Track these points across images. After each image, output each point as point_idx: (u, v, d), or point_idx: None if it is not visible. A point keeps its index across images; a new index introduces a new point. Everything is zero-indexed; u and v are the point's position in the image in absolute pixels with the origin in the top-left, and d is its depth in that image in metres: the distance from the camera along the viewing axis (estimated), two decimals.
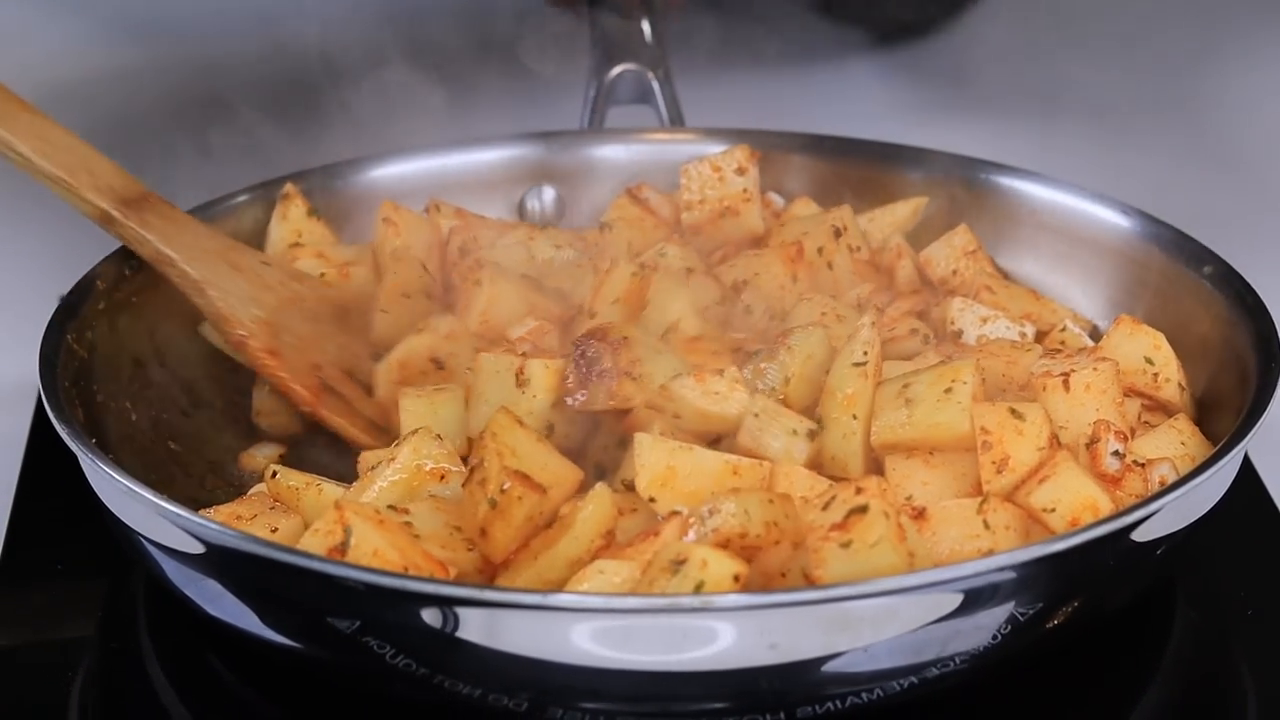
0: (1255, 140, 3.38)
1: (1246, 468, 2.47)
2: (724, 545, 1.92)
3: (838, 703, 1.94)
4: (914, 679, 1.94)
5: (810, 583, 1.90)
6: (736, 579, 1.86)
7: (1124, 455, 2.13)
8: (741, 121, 2.88)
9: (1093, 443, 2.14)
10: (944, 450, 2.14)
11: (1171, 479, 2.11)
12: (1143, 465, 2.14)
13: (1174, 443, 2.21)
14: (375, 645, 1.91)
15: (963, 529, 2.03)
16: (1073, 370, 2.20)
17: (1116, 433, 2.14)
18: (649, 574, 1.89)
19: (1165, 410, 2.30)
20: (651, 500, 2.05)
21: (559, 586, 1.96)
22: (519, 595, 1.86)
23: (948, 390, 2.14)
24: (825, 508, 1.92)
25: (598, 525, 1.99)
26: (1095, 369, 2.20)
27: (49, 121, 2.50)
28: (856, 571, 1.87)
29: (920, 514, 2.03)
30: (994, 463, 2.10)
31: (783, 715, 1.94)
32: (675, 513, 2.01)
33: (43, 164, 2.43)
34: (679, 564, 1.87)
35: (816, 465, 2.16)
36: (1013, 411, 2.12)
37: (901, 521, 1.92)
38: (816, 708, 1.95)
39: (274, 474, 2.20)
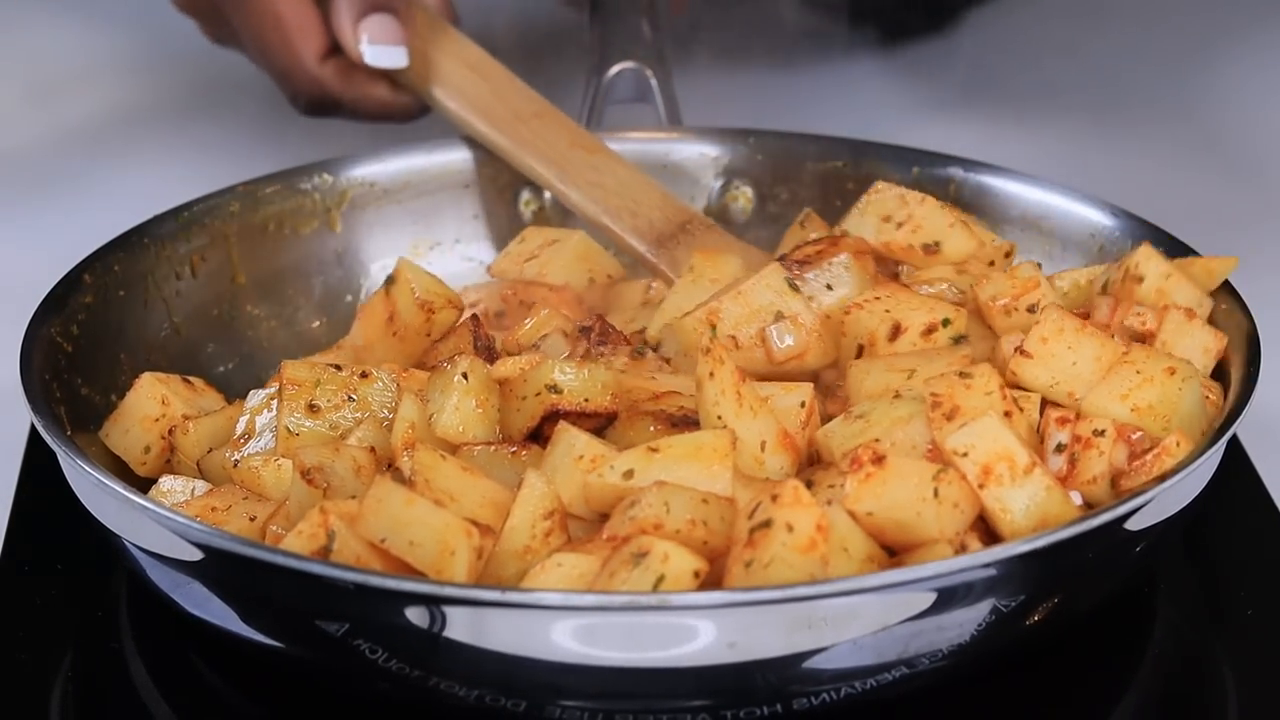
0: (1257, 141, 3.37)
1: (1245, 465, 2.48)
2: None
3: (832, 694, 1.95)
4: (889, 675, 1.95)
5: None
6: (696, 575, 1.86)
7: (1066, 446, 2.11)
8: (740, 120, 2.88)
9: (1041, 441, 2.13)
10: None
11: (1173, 449, 2.08)
12: (1083, 439, 2.10)
13: (1159, 360, 2.15)
14: (364, 647, 1.92)
15: (913, 492, 1.96)
16: (1022, 339, 2.17)
17: (1058, 420, 2.11)
18: (610, 566, 1.89)
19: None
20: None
21: (518, 579, 1.95)
22: (512, 595, 1.85)
23: (896, 395, 2.13)
24: (750, 515, 1.92)
25: (535, 508, 1.99)
26: (1040, 320, 2.17)
27: (606, 156, 2.62)
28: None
29: (879, 460, 1.96)
30: (944, 415, 2.06)
31: (779, 707, 1.95)
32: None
33: (590, 209, 2.58)
34: (640, 556, 1.87)
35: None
36: (960, 375, 2.10)
37: (823, 523, 1.89)
38: (812, 699, 1.95)
39: (235, 463, 2.19)
